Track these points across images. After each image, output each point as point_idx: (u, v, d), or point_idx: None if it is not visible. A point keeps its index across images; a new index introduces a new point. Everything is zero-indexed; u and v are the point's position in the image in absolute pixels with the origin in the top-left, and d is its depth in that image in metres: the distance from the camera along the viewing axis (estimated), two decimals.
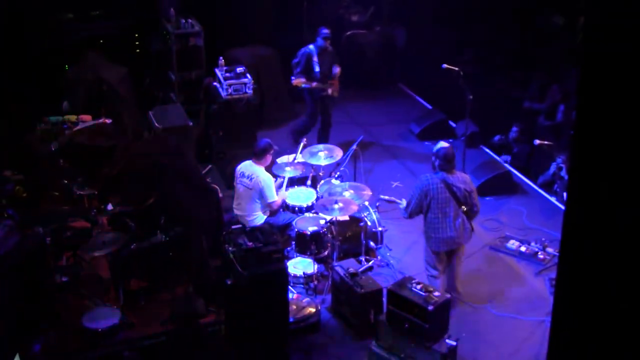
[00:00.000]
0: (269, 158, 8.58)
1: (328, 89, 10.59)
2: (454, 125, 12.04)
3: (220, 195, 8.73)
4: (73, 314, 7.31)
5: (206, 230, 7.70)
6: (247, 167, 8.53)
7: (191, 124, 10.00)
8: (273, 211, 8.55)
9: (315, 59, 10.46)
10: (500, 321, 7.80)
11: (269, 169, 8.77)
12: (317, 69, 10.51)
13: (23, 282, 7.30)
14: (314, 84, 10.49)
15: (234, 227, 7.35)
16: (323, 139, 10.79)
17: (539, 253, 8.74)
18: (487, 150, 11.45)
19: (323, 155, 9.06)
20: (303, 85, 10.49)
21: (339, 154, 9.16)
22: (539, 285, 8.34)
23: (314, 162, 9.06)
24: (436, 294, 6.93)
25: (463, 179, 7.49)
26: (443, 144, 7.61)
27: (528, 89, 12.03)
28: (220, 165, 10.33)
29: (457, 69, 10.07)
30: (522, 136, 10.81)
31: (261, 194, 8.38)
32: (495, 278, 8.44)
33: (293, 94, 12.05)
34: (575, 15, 12.69)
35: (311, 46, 10.51)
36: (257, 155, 8.51)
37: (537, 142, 9.60)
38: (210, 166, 9.90)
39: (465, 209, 7.44)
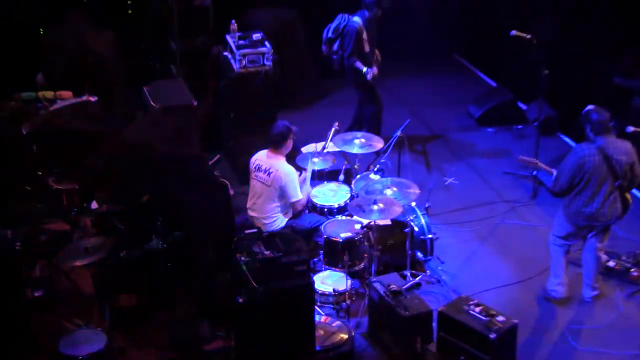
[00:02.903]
0: (289, 145, 8.57)
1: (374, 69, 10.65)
2: (524, 107, 11.94)
3: (231, 192, 8.73)
4: (48, 337, 7.38)
5: (213, 235, 7.73)
6: (264, 159, 8.54)
7: (196, 103, 10.03)
8: (296, 212, 8.59)
9: (364, 36, 10.43)
10: (582, 356, 7.74)
11: (291, 159, 8.78)
12: (367, 48, 10.51)
13: None
14: (375, 70, 10.54)
15: (247, 231, 7.36)
16: (358, 126, 10.78)
17: (632, 270, 8.65)
18: (566, 139, 11.36)
19: (359, 144, 9.03)
20: (366, 72, 10.47)
21: (378, 142, 9.14)
22: (632, 310, 8.25)
23: (348, 151, 9.05)
24: (500, 318, 6.89)
25: (624, 149, 7.87)
26: (590, 106, 7.95)
27: (620, 62, 11.91)
28: (232, 155, 10.35)
29: (529, 36, 9.99)
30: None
31: (282, 192, 8.39)
32: (577, 301, 8.37)
33: (322, 67, 12.03)
34: None
35: (356, 18, 10.41)
36: (274, 143, 8.49)
37: (631, 129, 9.46)
38: (218, 156, 9.94)
39: (623, 184, 7.84)
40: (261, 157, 8.58)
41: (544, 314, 8.11)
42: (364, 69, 10.45)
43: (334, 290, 8.10)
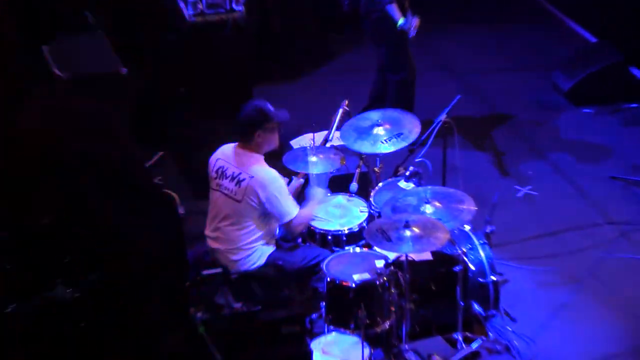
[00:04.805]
0: (269, 140, 8.54)
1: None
2: None
3: (181, 211, 8.74)
4: None
5: (153, 277, 7.75)
6: (230, 158, 8.51)
7: (126, 71, 10.05)
8: (294, 235, 8.65)
9: None
10: None
11: (276, 158, 8.80)
12: None
13: None
14: (417, 21, 10.71)
15: (206, 272, 7.38)
16: (380, 104, 10.82)
17: None
18: None
19: (382, 133, 9.08)
20: (402, 24, 10.64)
21: (412, 129, 9.17)
22: None
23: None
24: None
25: None
26: None
27: None
28: (183, 153, 10.36)
29: None
30: None
31: (262, 211, 8.38)
32: None
33: (326, 13, 12.09)
34: None
35: None
36: (244, 135, 8.48)
37: None
38: (161, 153, 9.95)
39: None
40: (225, 156, 8.53)
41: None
42: (400, 20, 10.49)
43: None
